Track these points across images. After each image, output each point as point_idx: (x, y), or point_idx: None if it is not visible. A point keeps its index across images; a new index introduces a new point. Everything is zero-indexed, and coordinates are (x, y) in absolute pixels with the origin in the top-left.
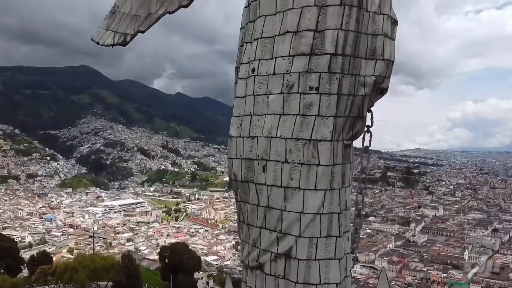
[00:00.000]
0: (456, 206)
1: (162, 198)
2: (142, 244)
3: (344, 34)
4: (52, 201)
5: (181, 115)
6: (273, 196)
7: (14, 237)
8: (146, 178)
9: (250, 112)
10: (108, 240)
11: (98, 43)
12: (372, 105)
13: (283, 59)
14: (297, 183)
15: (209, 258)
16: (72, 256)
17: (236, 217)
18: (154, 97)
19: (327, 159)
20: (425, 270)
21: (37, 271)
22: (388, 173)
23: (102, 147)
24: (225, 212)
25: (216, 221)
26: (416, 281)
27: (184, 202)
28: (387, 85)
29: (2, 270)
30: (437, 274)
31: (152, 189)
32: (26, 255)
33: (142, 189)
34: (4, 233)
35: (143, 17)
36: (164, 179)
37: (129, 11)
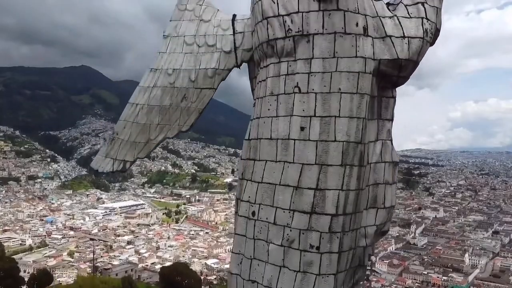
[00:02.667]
0: (456, 208)
1: (162, 200)
2: (143, 247)
3: (345, 194)
4: (52, 203)
5: None
6: None
7: (14, 239)
8: (146, 179)
9: (250, 256)
10: (109, 243)
11: (97, 170)
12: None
13: (283, 211)
14: None
15: (209, 261)
16: (72, 259)
17: None
18: None
19: None
20: (426, 273)
21: None
22: None
23: None
24: (226, 214)
25: (216, 223)
26: (417, 284)
27: (184, 204)
28: (388, 227)
29: None
30: (438, 277)
31: (152, 190)
32: (27, 258)
33: (143, 190)
34: (4, 235)
35: (143, 144)
36: (164, 181)
37: (128, 137)
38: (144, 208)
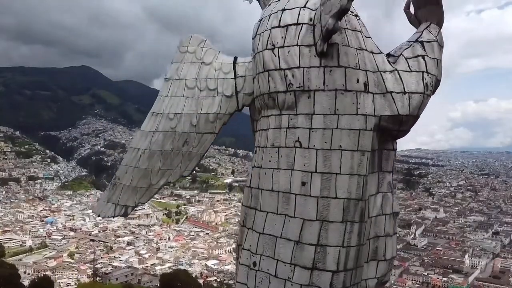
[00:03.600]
0: (456, 208)
1: (162, 200)
2: (143, 248)
3: (346, 250)
4: (52, 204)
5: None
6: None
7: (15, 240)
8: None
9: None
10: (109, 244)
11: (99, 215)
12: None
13: (285, 265)
14: None
15: (209, 262)
16: (72, 261)
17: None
18: (154, 97)
19: None
20: (426, 274)
21: None
22: None
23: (102, 149)
24: (226, 215)
25: (216, 224)
26: (417, 285)
27: (184, 205)
28: (389, 277)
29: None
30: (438, 278)
31: None
32: (27, 259)
33: None
34: (5, 236)
35: (144, 189)
36: None
37: (130, 183)
38: (144, 208)
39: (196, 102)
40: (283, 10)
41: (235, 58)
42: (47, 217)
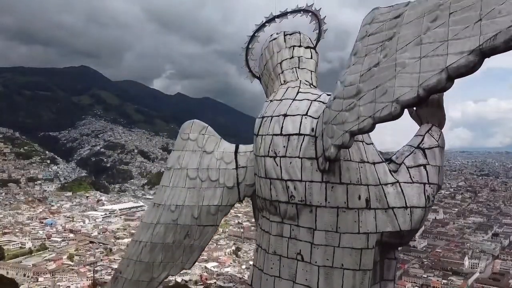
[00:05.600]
0: (456, 209)
1: None
2: None
3: None
4: (52, 205)
5: (181, 116)
6: None
7: (14, 243)
8: (146, 181)
9: None
10: (109, 246)
11: None
12: None
13: None
14: None
15: (209, 265)
16: (72, 263)
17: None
18: (154, 97)
19: None
20: (425, 276)
21: None
22: None
23: (102, 149)
24: (225, 216)
25: None
26: (416, 287)
27: None
28: None
29: None
30: (437, 280)
31: (152, 192)
32: (26, 262)
33: (142, 192)
34: (4, 238)
35: (146, 282)
36: None
37: (131, 276)
38: (144, 210)
39: (197, 193)
40: (285, 116)
41: (237, 147)
42: (47, 218)
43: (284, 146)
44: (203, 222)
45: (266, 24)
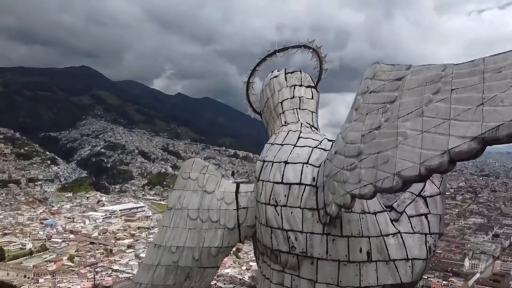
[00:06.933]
0: (456, 210)
1: (162, 202)
2: (143, 251)
3: None
4: (52, 206)
5: (181, 116)
6: None
7: (15, 243)
8: (146, 181)
9: None
10: (109, 247)
11: None
12: None
13: None
14: None
15: None
16: (72, 264)
17: None
18: (154, 97)
19: None
20: (426, 277)
21: None
22: None
23: (102, 150)
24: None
25: None
26: None
27: None
28: None
29: None
30: (438, 281)
31: (152, 192)
32: (27, 263)
33: (143, 192)
34: (4, 239)
35: None
36: (164, 183)
37: None
38: (144, 210)
39: (198, 234)
40: (286, 163)
41: (237, 187)
42: (47, 219)
43: (285, 195)
44: (204, 264)
45: (267, 58)
